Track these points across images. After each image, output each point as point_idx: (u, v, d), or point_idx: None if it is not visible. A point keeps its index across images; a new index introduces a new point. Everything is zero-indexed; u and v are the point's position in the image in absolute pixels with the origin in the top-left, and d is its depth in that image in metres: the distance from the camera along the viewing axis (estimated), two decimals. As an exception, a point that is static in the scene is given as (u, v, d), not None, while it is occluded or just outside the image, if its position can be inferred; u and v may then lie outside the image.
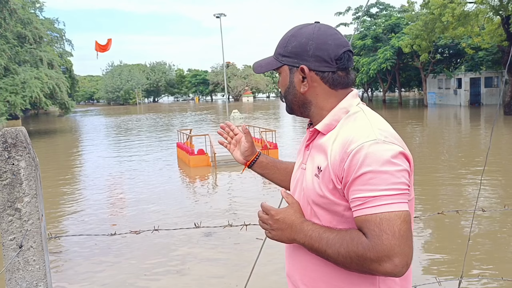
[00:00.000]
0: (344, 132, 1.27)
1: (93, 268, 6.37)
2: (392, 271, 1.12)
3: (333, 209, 1.27)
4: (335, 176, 1.23)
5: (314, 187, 1.30)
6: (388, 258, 1.12)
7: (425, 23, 28.44)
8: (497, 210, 7.54)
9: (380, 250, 1.12)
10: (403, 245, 1.12)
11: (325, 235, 1.24)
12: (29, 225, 1.57)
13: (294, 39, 1.36)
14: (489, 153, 2.69)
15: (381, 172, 1.15)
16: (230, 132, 1.81)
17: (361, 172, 1.16)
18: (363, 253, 1.14)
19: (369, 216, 1.15)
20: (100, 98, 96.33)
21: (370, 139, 1.19)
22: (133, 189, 11.68)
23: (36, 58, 31.44)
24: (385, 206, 1.14)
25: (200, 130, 25.38)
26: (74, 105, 36.94)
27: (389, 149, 1.18)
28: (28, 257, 1.58)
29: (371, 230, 1.14)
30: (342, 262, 1.20)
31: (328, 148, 1.28)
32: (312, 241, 1.26)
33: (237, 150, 1.79)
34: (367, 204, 1.15)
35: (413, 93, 75.10)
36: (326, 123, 1.35)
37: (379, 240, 1.12)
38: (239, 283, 5.54)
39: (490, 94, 36.30)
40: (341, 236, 1.21)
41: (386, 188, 1.14)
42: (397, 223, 1.13)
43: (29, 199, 1.57)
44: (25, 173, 1.56)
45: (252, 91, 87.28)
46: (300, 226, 1.30)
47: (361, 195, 1.16)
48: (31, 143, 1.60)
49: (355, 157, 1.17)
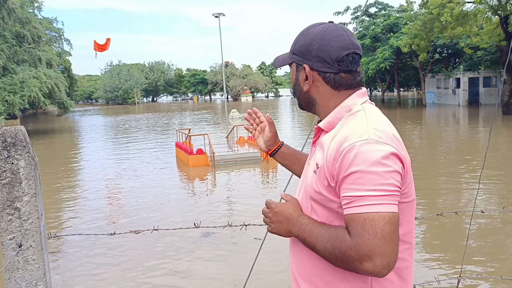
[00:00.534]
0: (342, 130, 1.28)
1: (93, 268, 6.37)
2: (373, 271, 1.13)
3: (328, 206, 1.29)
4: (329, 173, 1.25)
5: (312, 183, 1.33)
6: (369, 257, 1.12)
7: (423, 22, 28.43)
8: (495, 211, 7.55)
9: (361, 249, 1.13)
10: (385, 246, 1.12)
11: (316, 230, 1.27)
12: (28, 225, 1.57)
13: (302, 38, 1.40)
14: (488, 153, 2.69)
15: (369, 173, 1.15)
16: (257, 119, 1.86)
17: (350, 172, 1.17)
18: (345, 251, 1.16)
19: (354, 215, 1.16)
20: (98, 97, 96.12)
21: (362, 139, 1.19)
22: (132, 188, 11.67)
23: (34, 58, 31.40)
24: (370, 207, 1.14)
25: (199, 130, 25.38)
26: (72, 105, 36.87)
27: (380, 150, 1.17)
28: (27, 256, 1.58)
29: (354, 229, 1.15)
30: (329, 258, 1.23)
31: (326, 146, 1.30)
32: (304, 234, 1.29)
33: (260, 137, 1.83)
34: (353, 204, 1.16)
35: (412, 93, 75.10)
36: (328, 121, 1.37)
37: (360, 240, 1.13)
38: (238, 283, 5.54)
39: (489, 93, 36.32)
40: (329, 232, 1.23)
41: (372, 189, 1.14)
42: (380, 224, 1.13)
43: (29, 198, 1.57)
44: (25, 172, 1.56)
45: (251, 90, 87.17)
46: (296, 219, 1.34)
47: (349, 194, 1.18)
48: (30, 142, 1.60)
49: (345, 156, 1.19)
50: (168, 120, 37.62)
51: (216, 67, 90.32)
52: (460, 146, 17.35)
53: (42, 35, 33.55)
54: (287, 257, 6.11)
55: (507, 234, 7.07)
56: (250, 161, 14.69)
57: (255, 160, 14.82)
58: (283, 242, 1.81)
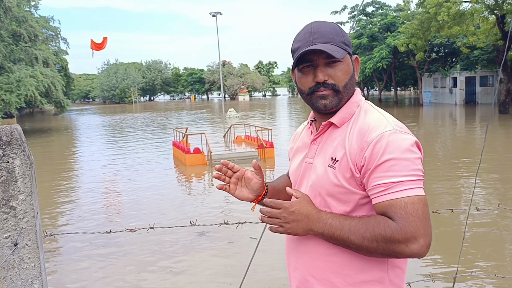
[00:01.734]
0: (358, 124, 1.33)
1: (88, 266, 6.37)
2: (418, 251, 1.19)
3: (347, 199, 1.31)
4: (354, 164, 1.28)
5: (329, 177, 1.33)
6: (415, 239, 1.18)
7: (420, 22, 28.46)
8: (491, 209, 7.58)
9: (408, 231, 1.18)
10: (427, 226, 1.20)
11: (346, 222, 1.27)
12: (24, 223, 1.57)
13: (343, 31, 1.40)
14: (484, 151, 2.70)
15: (403, 159, 1.22)
16: (229, 172, 1.53)
17: (384, 159, 1.22)
18: (391, 236, 1.19)
19: (393, 200, 1.21)
20: (95, 96, 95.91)
21: (388, 129, 1.26)
22: (128, 187, 11.65)
23: (31, 57, 31.31)
24: (409, 191, 1.21)
25: (196, 129, 25.36)
26: (69, 104, 36.77)
27: (407, 138, 1.26)
28: (23, 255, 1.58)
29: (397, 213, 1.20)
30: (366, 247, 1.24)
31: (346, 139, 1.32)
32: (333, 229, 1.28)
33: (241, 188, 1.55)
34: (391, 190, 1.22)
35: (409, 92, 75.24)
36: (341, 116, 1.39)
37: (406, 222, 1.19)
38: (233, 282, 5.55)
39: (485, 93, 36.42)
40: (364, 221, 1.25)
41: (407, 174, 1.22)
42: (420, 206, 1.20)
43: (24, 197, 1.57)
44: (20, 171, 1.56)
45: (248, 89, 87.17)
46: (317, 215, 1.32)
47: (384, 181, 1.22)
48: (26, 141, 1.60)
49: (376, 146, 1.23)
50: (165, 119, 37.58)
51: (213, 66, 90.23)
52: (457, 145, 17.40)
53: (39, 34, 33.44)
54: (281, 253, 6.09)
55: (502, 231, 7.10)
56: (247, 160, 14.69)
57: (252, 159, 14.78)
58: (280, 240, 1.81)
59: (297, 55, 1.34)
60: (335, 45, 1.34)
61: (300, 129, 1.67)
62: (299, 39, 1.38)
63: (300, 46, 1.36)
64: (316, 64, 1.35)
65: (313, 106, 1.41)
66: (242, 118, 33.56)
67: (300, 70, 1.39)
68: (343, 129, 1.36)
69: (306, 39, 1.35)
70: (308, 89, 1.38)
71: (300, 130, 1.66)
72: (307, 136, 1.53)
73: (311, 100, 1.39)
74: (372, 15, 44.90)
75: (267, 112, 43.43)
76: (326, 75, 1.34)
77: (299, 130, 1.67)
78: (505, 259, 6.16)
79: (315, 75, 1.35)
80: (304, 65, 1.37)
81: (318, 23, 1.38)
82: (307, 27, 1.39)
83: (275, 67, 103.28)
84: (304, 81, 1.38)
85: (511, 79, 25.90)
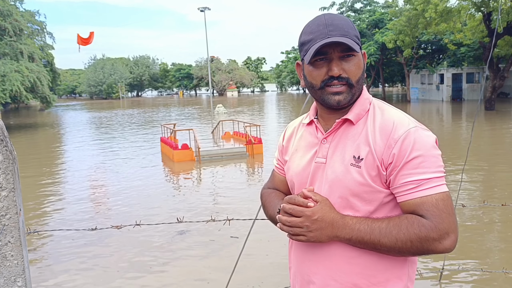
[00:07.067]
0: (378, 120, 1.30)
1: (73, 264, 6.30)
2: (450, 246, 1.21)
3: (372, 198, 1.28)
4: (381, 162, 1.26)
5: (353, 177, 1.28)
6: (447, 235, 1.20)
7: (408, 18, 28.64)
8: (476, 206, 7.66)
9: (442, 228, 1.19)
10: (456, 221, 1.22)
11: (375, 225, 1.25)
12: (6, 220, 1.54)
13: (353, 25, 1.35)
14: (470, 148, 2.72)
15: (430, 156, 1.23)
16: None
17: (413, 156, 1.22)
18: (426, 235, 1.19)
19: (425, 198, 1.21)
20: (82, 92, 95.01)
21: (412, 126, 1.26)
22: (115, 183, 11.57)
23: (16, 51, 30.83)
24: (438, 187, 1.22)
25: (184, 125, 25.25)
26: (55, 99, 36.33)
27: (430, 135, 1.27)
28: (5, 252, 1.55)
29: (430, 211, 1.20)
30: (399, 248, 1.22)
31: (369, 136, 1.29)
32: (361, 234, 1.25)
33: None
34: (421, 187, 1.21)
35: (397, 88, 75.77)
36: (356, 113, 1.35)
37: (440, 219, 1.20)
38: (221, 280, 5.53)
39: (472, 89, 36.82)
40: (395, 223, 1.23)
41: (436, 171, 1.22)
42: (449, 202, 1.22)
43: (7, 193, 1.53)
44: (2, 167, 1.52)
45: (237, 85, 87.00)
46: (342, 221, 1.27)
47: (414, 178, 1.22)
48: (8, 136, 1.57)
49: (404, 143, 1.23)
50: (153, 115, 37.37)
51: (201, 61, 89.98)
52: (443, 141, 17.56)
53: (24, 28, 32.96)
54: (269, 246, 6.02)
55: (487, 227, 7.19)
56: (235, 156, 14.68)
57: (240, 155, 14.81)
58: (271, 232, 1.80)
59: (316, 47, 1.26)
60: (350, 38, 1.29)
61: (293, 127, 1.57)
62: (311, 30, 1.31)
63: (314, 38, 1.29)
64: (331, 57, 1.29)
65: (324, 102, 1.34)
66: (231, 114, 33.50)
67: (312, 63, 1.31)
68: (359, 126, 1.31)
69: (321, 31, 1.28)
70: (320, 83, 1.31)
71: (294, 128, 1.56)
72: (311, 135, 1.44)
73: (322, 96, 1.33)
74: (360, 11, 45.09)
75: (256, 108, 43.41)
76: (341, 69, 1.29)
77: (293, 129, 1.57)
78: (489, 255, 6.24)
79: (330, 69, 1.29)
80: (317, 58, 1.30)
81: (330, 15, 1.32)
82: (319, 19, 1.31)
83: (264, 63, 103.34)
84: (316, 75, 1.31)
85: (497, 76, 26.22)
